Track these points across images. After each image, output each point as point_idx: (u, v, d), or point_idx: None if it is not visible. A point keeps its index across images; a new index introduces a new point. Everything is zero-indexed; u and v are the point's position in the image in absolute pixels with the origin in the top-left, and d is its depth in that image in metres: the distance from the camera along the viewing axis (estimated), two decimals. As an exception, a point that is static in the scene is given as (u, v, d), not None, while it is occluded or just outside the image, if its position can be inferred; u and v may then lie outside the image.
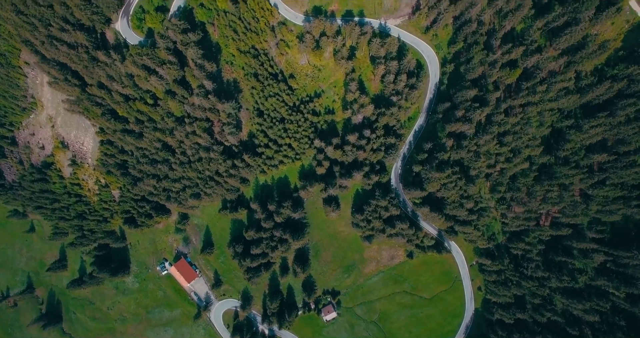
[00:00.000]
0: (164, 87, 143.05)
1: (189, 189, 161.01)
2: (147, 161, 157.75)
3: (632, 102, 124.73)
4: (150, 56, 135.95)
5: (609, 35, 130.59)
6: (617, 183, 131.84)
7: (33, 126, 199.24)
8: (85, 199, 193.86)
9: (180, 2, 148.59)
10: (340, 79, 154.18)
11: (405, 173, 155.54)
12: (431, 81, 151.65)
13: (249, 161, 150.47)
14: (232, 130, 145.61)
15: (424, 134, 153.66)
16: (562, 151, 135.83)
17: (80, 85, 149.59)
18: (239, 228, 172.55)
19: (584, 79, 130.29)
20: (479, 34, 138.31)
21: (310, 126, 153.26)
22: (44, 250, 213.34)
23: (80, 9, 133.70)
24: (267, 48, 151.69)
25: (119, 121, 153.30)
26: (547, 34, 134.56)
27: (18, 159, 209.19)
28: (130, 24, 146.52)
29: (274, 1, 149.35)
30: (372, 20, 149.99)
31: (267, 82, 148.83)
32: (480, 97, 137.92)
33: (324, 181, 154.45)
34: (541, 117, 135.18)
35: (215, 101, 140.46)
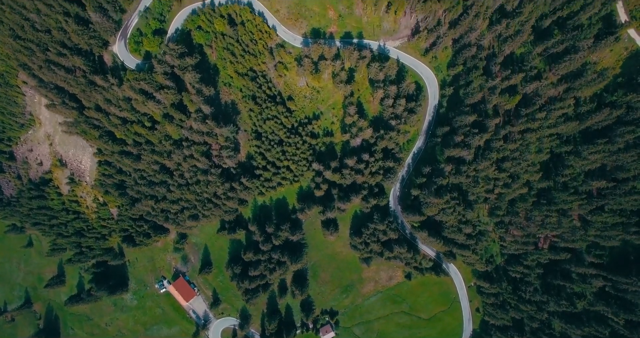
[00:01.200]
0: (162, 111, 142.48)
1: (187, 211, 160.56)
2: (145, 183, 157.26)
3: (631, 130, 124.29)
4: (148, 80, 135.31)
5: (608, 62, 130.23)
6: (615, 210, 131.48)
7: (31, 142, 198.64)
8: (83, 217, 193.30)
9: (178, 24, 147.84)
10: (339, 101, 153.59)
11: (404, 195, 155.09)
12: (430, 103, 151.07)
13: (247, 184, 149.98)
14: (230, 153, 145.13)
15: (422, 156, 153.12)
16: (561, 176, 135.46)
17: (78, 108, 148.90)
18: (237, 248, 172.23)
19: (583, 106, 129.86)
20: (479, 58, 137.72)
21: (308, 149, 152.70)
22: (42, 265, 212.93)
23: (78, 34, 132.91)
24: (265, 70, 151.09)
25: (116, 143, 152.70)
26: (547, 59, 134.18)
27: (16, 174, 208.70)
28: (128, 47, 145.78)
29: (273, 23, 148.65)
30: (371, 42, 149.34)
31: (265, 105, 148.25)
32: (479, 122, 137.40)
33: (322, 203, 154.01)
34: (540, 143, 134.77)
35: (213, 126, 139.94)
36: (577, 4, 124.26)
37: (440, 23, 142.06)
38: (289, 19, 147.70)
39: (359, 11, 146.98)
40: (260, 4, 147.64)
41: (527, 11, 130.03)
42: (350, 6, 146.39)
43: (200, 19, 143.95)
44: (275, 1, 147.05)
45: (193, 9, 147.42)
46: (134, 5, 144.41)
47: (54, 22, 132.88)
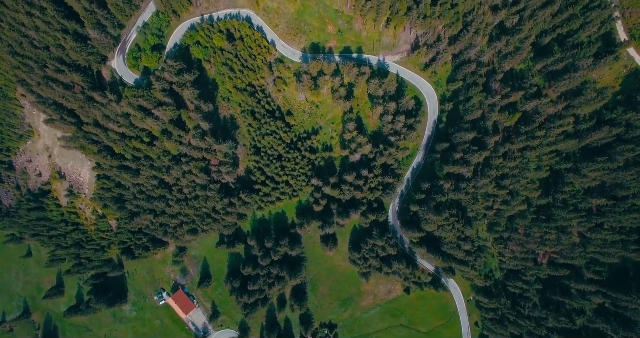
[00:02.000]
0: (160, 126, 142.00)
1: (185, 225, 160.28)
2: (143, 197, 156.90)
3: (630, 148, 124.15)
4: (146, 97, 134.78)
5: (607, 79, 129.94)
6: (615, 227, 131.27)
7: (30, 153, 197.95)
8: (82, 228, 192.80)
9: (176, 39, 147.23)
10: (338, 115, 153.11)
11: (403, 210, 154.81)
12: (430, 117, 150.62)
13: (246, 199, 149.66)
14: (228, 169, 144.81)
15: (422, 172, 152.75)
16: (561, 193, 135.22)
17: (76, 123, 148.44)
18: (236, 261, 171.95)
19: (583, 123, 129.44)
20: (478, 74, 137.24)
21: (307, 164, 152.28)
22: (41, 275, 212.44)
23: (76, 51, 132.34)
24: (264, 84, 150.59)
25: (115, 158, 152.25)
26: (547, 76, 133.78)
27: (15, 184, 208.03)
28: (126, 63, 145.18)
29: (271, 38, 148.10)
30: (371, 57, 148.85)
31: (264, 120, 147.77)
32: (478, 139, 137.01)
33: (321, 218, 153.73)
34: (540, 161, 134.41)
35: (212, 142, 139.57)
36: (577, 22, 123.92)
37: (440, 39, 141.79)
38: (288, 34, 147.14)
39: (358, 26, 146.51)
40: (259, 18, 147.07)
41: (526, 28, 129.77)
42: (349, 21, 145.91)
43: (198, 34, 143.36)
44: (274, 16, 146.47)
45: (191, 24, 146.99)
46: (132, 20, 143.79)
47: (52, 39, 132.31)
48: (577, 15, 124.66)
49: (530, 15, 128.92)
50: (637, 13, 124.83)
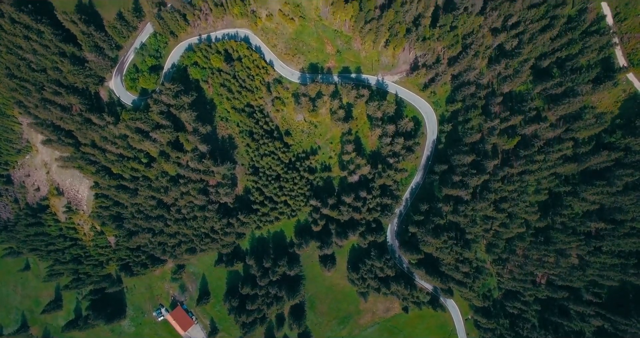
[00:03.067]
0: (158, 148, 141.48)
1: (184, 245, 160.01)
2: (142, 217, 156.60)
3: (629, 173, 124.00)
4: (144, 120, 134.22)
5: (606, 102, 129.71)
6: (614, 251, 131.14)
7: (28, 167, 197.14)
8: (80, 243, 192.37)
9: (174, 60, 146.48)
10: (337, 135, 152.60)
11: (402, 231, 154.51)
12: (429, 137, 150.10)
13: (244, 219, 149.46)
14: (227, 190, 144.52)
15: (420, 192, 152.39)
16: (559, 216, 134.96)
17: (74, 143, 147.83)
18: (235, 278, 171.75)
19: (582, 147, 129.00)
20: (477, 97, 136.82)
21: (306, 184, 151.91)
22: (40, 288, 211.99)
23: (74, 74, 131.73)
24: (262, 104, 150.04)
25: (113, 178, 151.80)
26: (546, 98, 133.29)
27: (13, 198, 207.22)
28: (124, 84, 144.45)
29: (270, 58, 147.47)
30: (370, 77, 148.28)
31: (263, 141, 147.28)
32: (477, 162, 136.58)
33: (319, 238, 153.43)
34: (538, 184, 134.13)
35: (210, 164, 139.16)
36: (576, 47, 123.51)
37: (440, 60, 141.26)
38: (287, 54, 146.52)
39: (357, 46, 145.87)
40: (258, 38, 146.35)
41: (526, 51, 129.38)
42: (348, 41, 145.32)
43: (196, 55, 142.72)
44: (273, 36, 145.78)
45: (189, 44, 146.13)
46: (130, 41, 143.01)
47: (50, 62, 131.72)
48: (576, 40, 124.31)
49: (530, 38, 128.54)
50: (636, 38, 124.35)
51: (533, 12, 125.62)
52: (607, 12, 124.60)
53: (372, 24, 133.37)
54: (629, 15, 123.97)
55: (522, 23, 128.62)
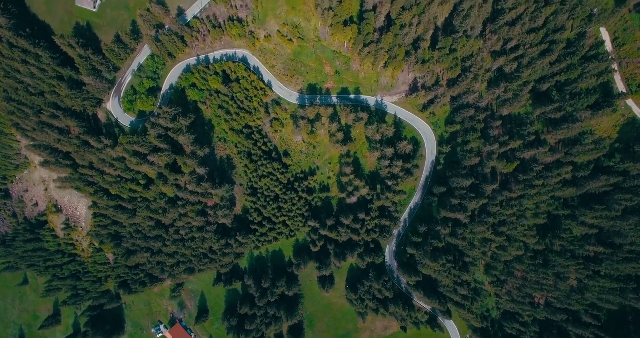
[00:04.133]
0: (156, 171, 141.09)
1: (182, 265, 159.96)
2: (140, 237, 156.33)
3: (628, 198, 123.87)
4: (141, 143, 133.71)
5: (605, 126, 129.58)
6: (613, 275, 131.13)
7: (26, 182, 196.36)
8: (79, 259, 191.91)
9: (172, 81, 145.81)
10: (335, 155, 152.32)
11: (400, 251, 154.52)
12: (427, 158, 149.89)
13: (242, 240, 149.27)
14: (225, 212, 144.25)
15: (419, 212, 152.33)
16: (558, 239, 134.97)
17: (72, 165, 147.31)
18: (234, 296, 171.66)
19: (581, 171, 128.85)
20: (476, 119, 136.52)
21: (304, 204, 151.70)
22: (38, 303, 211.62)
23: (71, 98, 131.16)
24: (260, 124, 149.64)
25: (111, 199, 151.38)
26: (545, 120, 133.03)
27: (11, 212, 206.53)
28: (122, 106, 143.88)
29: (268, 78, 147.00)
30: (369, 97, 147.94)
31: (261, 162, 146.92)
32: (476, 186, 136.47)
33: (318, 259, 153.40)
34: (537, 208, 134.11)
35: (208, 187, 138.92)
36: (575, 72, 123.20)
37: (439, 81, 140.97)
38: (285, 75, 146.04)
39: (355, 67, 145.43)
40: (256, 58, 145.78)
41: (525, 75, 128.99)
42: (347, 62, 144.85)
43: (194, 76, 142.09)
44: (271, 57, 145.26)
45: (187, 65, 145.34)
46: (128, 62, 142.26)
47: (47, 86, 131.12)
48: (575, 65, 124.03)
49: (529, 62, 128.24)
50: (634, 63, 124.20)
51: (532, 37, 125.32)
52: (605, 37, 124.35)
53: (370, 47, 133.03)
54: (627, 40, 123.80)
55: (521, 46, 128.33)
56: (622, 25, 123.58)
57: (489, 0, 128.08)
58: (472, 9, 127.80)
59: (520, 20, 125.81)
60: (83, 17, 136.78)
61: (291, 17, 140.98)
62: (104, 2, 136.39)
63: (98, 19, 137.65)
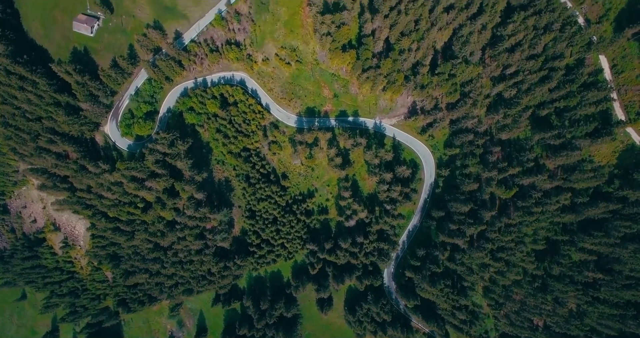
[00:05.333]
0: (154, 195, 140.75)
1: (181, 286, 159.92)
2: (138, 258, 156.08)
3: (627, 225, 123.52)
4: (139, 169, 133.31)
5: (605, 152, 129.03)
6: (612, 301, 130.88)
7: (25, 198, 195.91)
8: (77, 276, 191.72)
9: (170, 104, 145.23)
10: (334, 177, 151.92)
11: (399, 274, 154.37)
12: (426, 180, 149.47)
13: (241, 263, 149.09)
14: (224, 236, 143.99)
15: (417, 235, 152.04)
16: (557, 265, 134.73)
17: (70, 188, 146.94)
18: (232, 315, 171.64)
19: (580, 197, 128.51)
20: (476, 145, 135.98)
21: (303, 227, 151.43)
22: (36, 318, 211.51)
23: (68, 124, 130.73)
24: (259, 147, 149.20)
25: (109, 221, 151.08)
26: (545, 146, 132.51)
27: (10, 227, 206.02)
28: (120, 131, 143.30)
29: (266, 101, 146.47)
30: (367, 120, 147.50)
31: (259, 186, 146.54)
32: (475, 211, 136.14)
33: (316, 281, 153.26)
34: (536, 235, 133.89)
35: (206, 211, 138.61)
36: (574, 100, 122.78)
37: (438, 105, 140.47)
38: (283, 99, 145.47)
39: (354, 89, 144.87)
40: (254, 81, 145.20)
41: (524, 101, 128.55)
42: (345, 85, 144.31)
43: (191, 100, 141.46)
44: (269, 80, 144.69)
45: (184, 88, 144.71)
46: (125, 86, 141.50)
47: (44, 112, 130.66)
48: (574, 93, 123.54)
49: (528, 88, 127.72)
50: (633, 91, 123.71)
51: (531, 63, 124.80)
52: (604, 65, 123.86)
53: (369, 73, 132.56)
54: (626, 68, 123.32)
55: (520, 73, 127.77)
56: (621, 53, 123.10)
57: (488, 26, 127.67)
58: (472, 35, 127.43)
59: (519, 47, 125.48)
60: (80, 42, 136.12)
61: (289, 41, 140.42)
62: (101, 27, 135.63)
63: (95, 44, 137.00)
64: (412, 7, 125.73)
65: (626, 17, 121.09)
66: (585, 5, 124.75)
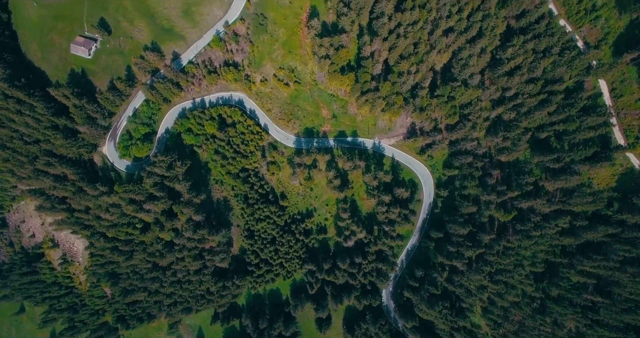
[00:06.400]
0: (153, 217, 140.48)
1: (180, 305, 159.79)
2: (137, 277, 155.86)
3: (626, 249, 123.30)
4: (137, 192, 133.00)
5: (604, 174, 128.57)
6: (612, 324, 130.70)
7: (23, 213, 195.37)
8: (76, 292, 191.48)
9: (168, 124, 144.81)
10: (333, 197, 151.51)
11: (397, 293, 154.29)
12: (425, 200, 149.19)
13: (240, 283, 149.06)
14: (223, 257, 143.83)
15: (416, 254, 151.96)
16: (556, 287, 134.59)
17: (68, 209, 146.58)
18: (231, 332, 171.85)
19: (579, 220, 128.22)
20: (475, 167, 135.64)
21: (301, 247, 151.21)
22: (34, 332, 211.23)
23: (66, 148, 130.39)
24: (257, 167, 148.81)
25: (108, 241, 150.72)
26: (544, 168, 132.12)
27: (8, 241, 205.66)
28: (118, 152, 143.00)
29: (264, 121, 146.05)
30: (366, 140, 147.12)
31: (258, 206, 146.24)
32: (473, 234, 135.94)
33: (315, 301, 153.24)
34: (535, 257, 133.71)
35: (205, 233, 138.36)
36: (573, 125, 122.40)
37: (437, 126, 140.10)
38: (282, 119, 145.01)
39: (353, 110, 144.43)
40: (252, 101, 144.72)
41: (524, 124, 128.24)
42: (344, 105, 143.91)
43: (189, 122, 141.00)
44: (267, 100, 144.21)
45: (183, 108, 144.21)
46: (123, 106, 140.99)
47: (42, 136, 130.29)
48: (573, 117, 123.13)
49: (528, 111, 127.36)
50: (632, 115, 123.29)
51: (531, 87, 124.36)
52: (604, 89, 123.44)
53: (368, 96, 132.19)
54: (625, 92, 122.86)
55: (520, 96, 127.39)
56: (620, 77, 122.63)
57: (487, 49, 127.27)
58: (471, 58, 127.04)
59: (519, 71, 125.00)
60: (78, 64, 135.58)
61: (287, 61, 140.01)
62: (99, 48, 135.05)
63: (93, 66, 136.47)
64: (411, 31, 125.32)
65: (624, 41, 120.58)
66: (584, 28, 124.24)
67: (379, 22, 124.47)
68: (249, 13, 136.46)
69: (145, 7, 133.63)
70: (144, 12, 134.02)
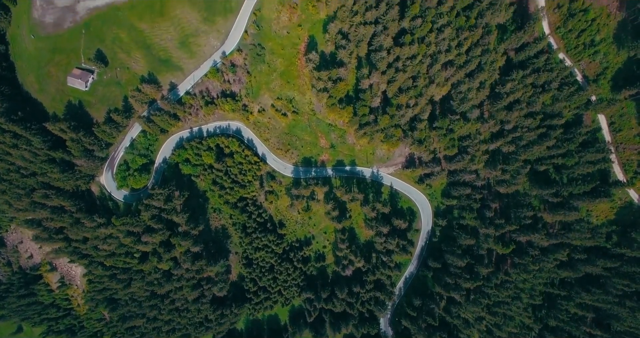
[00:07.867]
0: (151, 248, 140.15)
1: (178, 331, 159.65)
2: (135, 305, 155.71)
3: (625, 284, 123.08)
4: (135, 224, 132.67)
5: (602, 207, 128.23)
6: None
7: (22, 233, 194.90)
8: (74, 313, 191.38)
9: (166, 154, 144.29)
10: (331, 226, 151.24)
11: (395, 321, 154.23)
12: (423, 228, 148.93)
13: (238, 311, 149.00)
14: (221, 286, 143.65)
15: (414, 283, 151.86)
16: (554, 319, 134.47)
17: (65, 238, 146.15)
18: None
19: (578, 253, 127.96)
20: (473, 199, 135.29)
21: (300, 275, 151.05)
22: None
23: (63, 181, 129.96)
24: (255, 196, 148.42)
25: (106, 269, 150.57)
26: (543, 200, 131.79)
27: (6, 261, 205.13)
28: (115, 183, 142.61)
29: (262, 151, 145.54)
30: (364, 169, 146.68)
31: (256, 235, 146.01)
32: (471, 266, 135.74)
33: (313, 328, 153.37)
34: (533, 290, 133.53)
35: (203, 264, 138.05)
36: (572, 160, 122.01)
37: (436, 156, 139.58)
38: (279, 149, 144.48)
39: (351, 139, 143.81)
40: (250, 131, 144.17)
41: (522, 157, 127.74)
42: (342, 135, 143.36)
43: (187, 152, 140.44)
44: (265, 130, 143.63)
45: (180, 137, 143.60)
46: (120, 137, 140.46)
47: (39, 169, 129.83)
48: (572, 152, 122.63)
49: (526, 145, 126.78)
50: (630, 149, 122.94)
51: (530, 121, 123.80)
52: (603, 124, 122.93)
53: (366, 129, 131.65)
54: (623, 126, 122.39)
55: (519, 129, 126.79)
56: (619, 112, 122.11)
57: (487, 83, 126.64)
58: (470, 92, 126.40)
59: (518, 105, 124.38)
60: (75, 96, 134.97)
61: (285, 91, 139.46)
62: (95, 80, 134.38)
63: (90, 97, 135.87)
64: (410, 65, 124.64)
65: (623, 76, 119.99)
66: (583, 62, 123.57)
67: (378, 55, 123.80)
68: (246, 43, 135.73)
69: (142, 39, 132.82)
70: (140, 44, 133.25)
